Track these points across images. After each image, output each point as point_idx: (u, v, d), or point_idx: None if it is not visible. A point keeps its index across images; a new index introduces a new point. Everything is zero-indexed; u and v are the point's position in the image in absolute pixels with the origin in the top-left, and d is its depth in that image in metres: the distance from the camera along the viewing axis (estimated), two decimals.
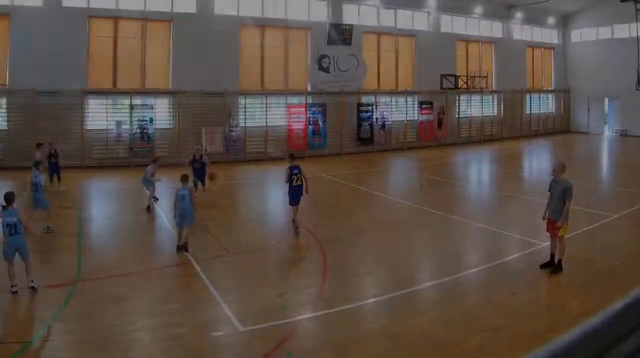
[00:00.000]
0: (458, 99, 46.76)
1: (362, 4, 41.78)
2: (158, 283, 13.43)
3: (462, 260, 15.36)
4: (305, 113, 38.75)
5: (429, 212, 21.00)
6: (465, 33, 47.58)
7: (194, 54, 35.13)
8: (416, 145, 43.61)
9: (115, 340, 10.19)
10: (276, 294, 12.49)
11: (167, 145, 34.48)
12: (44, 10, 31.84)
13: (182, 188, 16.06)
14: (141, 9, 34.40)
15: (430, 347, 9.93)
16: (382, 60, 43.27)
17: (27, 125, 31.23)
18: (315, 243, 16.80)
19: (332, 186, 27.72)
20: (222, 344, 10.35)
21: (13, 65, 31.32)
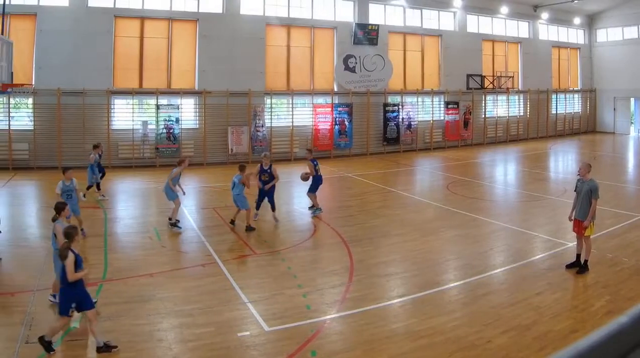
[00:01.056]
0: (484, 99, 45.21)
1: (388, 4, 40.52)
2: (183, 283, 13.04)
3: (487, 260, 15.04)
4: (331, 113, 37.60)
5: (455, 211, 20.58)
6: (491, 33, 46.11)
7: (219, 54, 34.20)
8: (442, 145, 42.48)
9: (141, 340, 10.03)
10: (301, 294, 12.29)
11: (193, 145, 33.56)
12: (70, 9, 30.97)
13: (236, 176, 17.86)
14: (167, 8, 33.49)
15: (455, 347, 9.74)
16: (408, 60, 41.88)
17: (52, 125, 30.44)
18: (341, 243, 16.43)
19: (358, 186, 26.93)
20: (247, 344, 10.01)
21: (39, 65, 30.49)
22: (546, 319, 10.80)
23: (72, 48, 30.71)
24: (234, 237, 17.21)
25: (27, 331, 10.15)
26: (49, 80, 30.07)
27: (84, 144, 30.15)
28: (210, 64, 34.07)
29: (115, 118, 32.39)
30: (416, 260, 14.75)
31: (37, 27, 30.41)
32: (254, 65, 35.15)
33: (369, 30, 38.83)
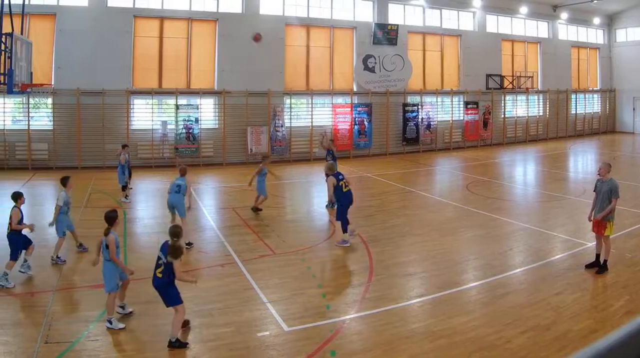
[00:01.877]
0: (503, 99, 44.04)
1: (408, 4, 39.37)
2: (203, 283, 12.45)
3: (507, 260, 14.69)
4: (350, 113, 36.57)
5: (474, 211, 20.09)
6: (511, 33, 44.77)
7: (239, 54, 33.29)
8: (462, 145, 41.35)
9: (161, 339, 9.79)
10: (321, 294, 12.08)
11: (212, 145, 32.76)
12: (89, 9, 30.20)
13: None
14: (186, 8, 32.62)
15: (474, 347, 9.52)
16: (428, 60, 40.69)
17: (72, 125, 29.72)
18: (360, 243, 16.04)
19: (378, 186, 26.23)
20: (267, 344, 9.83)
21: (58, 65, 29.73)
22: (566, 319, 10.61)
23: (91, 48, 29.97)
24: (254, 237, 16.75)
25: (47, 331, 9.95)
26: (69, 80, 29.37)
27: (104, 144, 29.63)
28: (230, 64, 33.16)
29: (135, 118, 31.64)
30: (435, 260, 14.44)
31: (57, 27, 29.69)
32: (273, 65, 34.21)
33: (389, 30, 37.81)
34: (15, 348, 9.40)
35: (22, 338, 9.78)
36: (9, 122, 29.57)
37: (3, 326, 10.21)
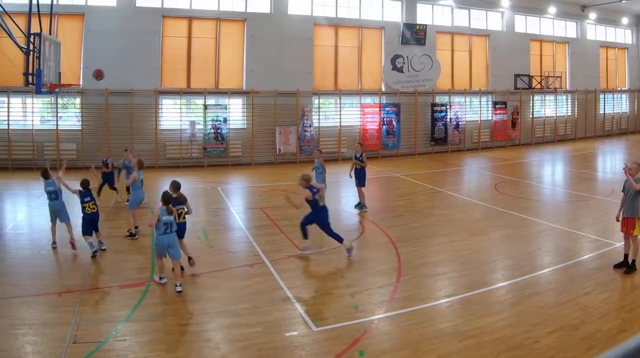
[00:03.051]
0: (532, 99, 41.91)
1: (436, 4, 37.53)
2: (231, 283, 12.32)
3: (535, 260, 14.02)
4: (379, 113, 34.97)
5: (503, 211, 19.23)
6: (539, 33, 42.59)
7: (267, 54, 31.85)
8: (490, 145, 39.44)
9: (188, 340, 9.59)
10: (349, 294, 11.59)
11: (240, 145, 31.30)
12: (117, 10, 28.96)
13: (316, 161, 19.29)
14: (215, 8, 31.23)
15: (503, 347, 9.14)
16: (456, 60, 38.77)
17: (100, 125, 28.53)
18: (388, 243, 15.45)
19: (406, 186, 25.15)
20: (295, 344, 9.41)
21: (87, 66, 28.59)
22: (594, 319, 10.19)
23: (119, 48, 28.80)
24: (282, 237, 16.11)
25: (75, 331, 9.59)
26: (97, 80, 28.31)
27: (132, 144, 28.24)
28: (258, 64, 31.74)
29: (163, 118, 30.42)
30: (464, 260, 13.81)
31: (85, 27, 28.55)
32: (301, 65, 32.74)
33: (417, 30, 36.08)
34: (44, 348, 9.08)
35: (51, 338, 9.40)
36: (37, 122, 28.56)
37: (32, 326, 9.86)
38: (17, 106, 28.34)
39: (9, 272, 12.71)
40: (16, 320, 10.04)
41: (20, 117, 28.45)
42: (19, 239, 15.36)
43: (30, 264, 13.13)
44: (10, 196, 22.53)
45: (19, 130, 27.92)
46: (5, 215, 19.31)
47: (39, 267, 13.07)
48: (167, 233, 11.69)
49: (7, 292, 11.39)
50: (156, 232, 11.77)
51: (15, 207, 20.92)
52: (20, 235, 15.93)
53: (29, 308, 10.63)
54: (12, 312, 10.44)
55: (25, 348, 9.10)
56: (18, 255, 13.99)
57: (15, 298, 11.08)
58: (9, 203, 21.57)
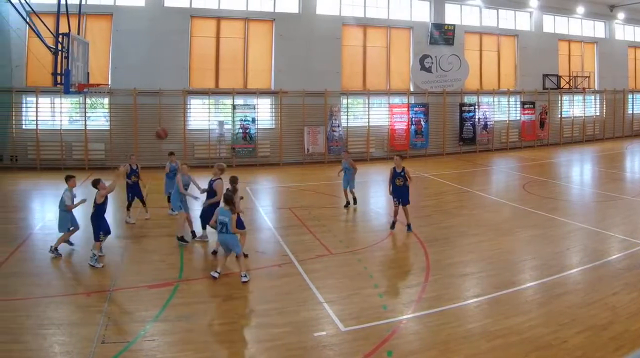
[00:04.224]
0: (560, 99, 39.62)
1: (465, 4, 35.54)
2: (259, 283, 11.95)
3: (563, 260, 13.50)
4: (407, 113, 33.06)
5: (531, 211, 18.46)
6: (567, 33, 40.29)
7: (296, 54, 30.25)
8: (518, 145, 37.35)
9: (217, 340, 9.35)
10: (377, 294, 11.21)
11: (269, 145, 29.73)
12: (146, 9, 27.57)
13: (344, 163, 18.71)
14: (243, 8, 29.65)
15: (531, 347, 8.81)
16: (484, 60, 36.72)
17: (128, 125, 27.16)
18: (417, 243, 14.87)
19: (435, 186, 24.20)
20: (324, 344, 9.10)
21: (115, 65, 27.23)
22: (622, 319, 9.82)
23: (148, 48, 27.41)
24: (311, 237, 15.45)
25: (103, 331, 9.30)
26: (125, 80, 26.87)
27: (160, 144, 26.88)
28: (287, 64, 30.13)
29: (192, 118, 28.93)
30: (492, 260, 13.34)
31: (113, 27, 27.19)
32: (330, 65, 31.01)
33: (445, 30, 34.20)
34: (72, 348, 8.75)
35: (79, 338, 9.09)
36: (66, 122, 27.24)
37: (60, 326, 9.50)
38: (45, 106, 27.04)
39: (37, 272, 12.21)
40: (44, 320, 9.69)
41: (48, 117, 27.14)
42: (47, 239, 14.58)
43: (59, 264, 12.75)
44: (39, 196, 21.61)
45: (48, 130, 26.63)
46: (33, 215, 18.58)
47: (68, 267, 12.70)
48: (222, 232, 11.68)
49: (36, 292, 10.99)
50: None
51: (44, 207, 19.97)
52: (49, 235, 15.11)
53: (57, 308, 10.30)
54: (41, 311, 10.08)
55: (54, 348, 8.76)
56: (46, 256, 13.32)
57: (43, 298, 10.71)
58: (37, 203, 20.71)
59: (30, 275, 12.03)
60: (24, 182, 23.61)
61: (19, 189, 22.44)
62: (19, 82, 26.15)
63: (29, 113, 26.88)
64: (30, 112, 26.85)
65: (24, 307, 10.30)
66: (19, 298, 10.70)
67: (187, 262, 13.30)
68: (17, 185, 23.06)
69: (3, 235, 15.15)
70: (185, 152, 27.94)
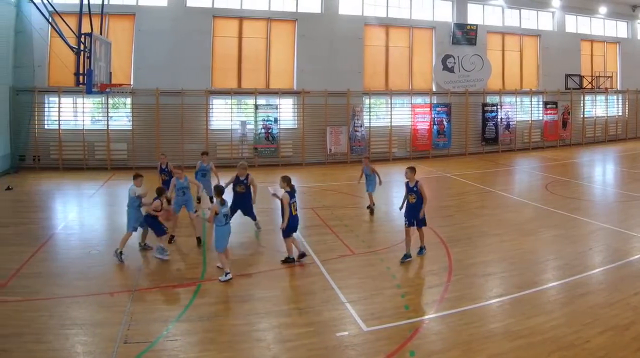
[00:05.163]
0: (582, 99, 37.74)
1: (487, 4, 33.82)
2: (282, 283, 11.63)
3: (585, 260, 13.05)
4: (429, 113, 31.58)
5: (554, 211, 17.78)
6: (590, 33, 38.40)
7: (318, 54, 28.86)
8: (541, 145, 35.61)
9: (239, 340, 8.91)
10: (400, 294, 10.82)
11: (291, 145, 28.38)
12: (168, 10, 26.37)
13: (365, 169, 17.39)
14: (266, 8, 28.33)
15: (553, 346, 8.41)
16: (507, 60, 35.03)
17: (151, 125, 26.00)
18: (439, 243, 14.31)
19: (457, 186, 23.32)
20: (346, 344, 8.74)
21: (137, 66, 26.11)
22: None
23: (170, 48, 26.25)
24: (333, 237, 14.89)
25: (126, 331, 9.01)
26: (147, 80, 25.72)
27: (182, 144, 25.81)
28: (309, 64, 28.75)
29: (214, 118, 27.65)
30: (514, 260, 12.88)
31: (136, 27, 26.05)
32: (352, 65, 29.62)
33: (468, 30, 32.61)
34: (95, 348, 8.51)
35: (102, 338, 8.83)
36: (88, 122, 26.08)
37: (82, 326, 9.23)
38: (68, 106, 25.92)
39: (60, 272, 11.87)
40: (67, 320, 9.40)
41: (71, 117, 26.02)
42: (70, 239, 14.40)
43: (81, 264, 12.34)
44: (61, 196, 20.85)
45: (70, 130, 25.53)
46: (56, 215, 17.95)
47: (90, 267, 12.20)
48: (228, 223, 11.54)
49: (58, 292, 10.67)
50: (217, 224, 11.43)
51: (66, 207, 19.29)
52: (71, 235, 14.89)
53: (79, 308, 10.01)
54: (63, 311, 9.78)
55: (76, 348, 8.51)
56: (69, 255, 13.07)
57: (66, 298, 10.40)
58: (59, 203, 20.00)
59: (53, 275, 11.66)
60: (47, 182, 22.83)
61: (41, 189, 21.66)
62: (42, 82, 25.10)
63: (52, 113, 25.80)
64: (52, 112, 25.76)
65: (46, 306, 9.95)
66: (41, 298, 10.33)
67: (209, 261, 12.71)
68: (39, 185, 22.28)
69: (26, 235, 14.67)
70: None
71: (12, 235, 14.66)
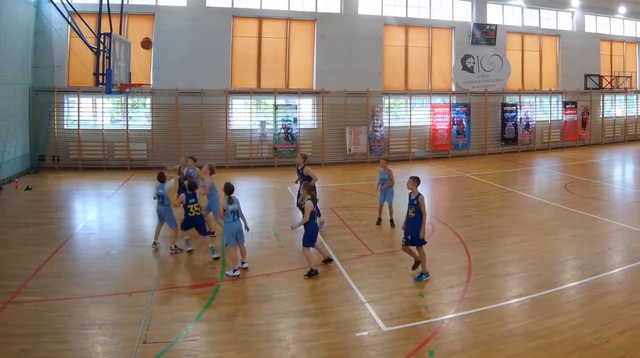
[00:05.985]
0: (602, 99, 36.26)
1: (506, 4, 32.38)
2: (301, 283, 11.13)
3: (605, 260, 12.54)
4: (449, 113, 30.28)
5: (573, 212, 17.22)
6: (609, 33, 36.78)
7: (337, 54, 27.64)
8: (560, 145, 34.16)
9: (259, 339, 8.56)
10: (419, 294, 10.44)
11: (311, 145, 27.17)
12: (187, 10, 25.31)
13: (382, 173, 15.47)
14: (285, 8, 27.19)
15: (573, 347, 8.13)
16: (526, 60, 33.61)
17: (170, 125, 25.01)
18: (459, 243, 13.87)
19: (476, 186, 22.53)
20: (365, 344, 8.39)
21: (157, 65, 25.12)
22: None
23: (189, 48, 25.20)
24: (352, 237, 14.39)
25: (145, 331, 8.70)
26: (167, 80, 24.72)
27: (202, 144, 24.84)
28: (328, 64, 27.53)
29: (233, 118, 26.56)
30: (534, 260, 12.44)
31: (155, 27, 25.00)
32: (371, 65, 28.37)
33: (487, 30, 31.25)
34: (114, 348, 8.22)
35: (121, 338, 8.53)
36: (107, 122, 25.16)
37: (102, 326, 8.95)
38: (87, 106, 24.95)
39: (79, 272, 11.60)
40: (86, 320, 9.15)
41: (90, 117, 25.07)
42: (89, 239, 14.06)
43: (101, 264, 12.04)
44: (81, 196, 20.20)
45: (89, 130, 24.60)
46: (75, 215, 17.44)
47: (109, 267, 11.89)
48: (236, 220, 11.31)
49: (78, 292, 10.41)
50: (226, 221, 11.32)
51: (85, 207, 18.71)
52: (91, 235, 14.51)
53: (99, 308, 9.74)
54: (83, 311, 9.52)
55: (96, 348, 8.28)
56: (88, 255, 12.73)
57: (85, 298, 10.13)
58: (79, 203, 19.41)
59: (72, 275, 11.40)
60: (66, 182, 22.07)
61: (60, 189, 21.00)
62: (61, 82, 24.15)
63: (71, 113, 24.84)
64: (72, 112, 24.81)
65: (65, 306, 9.67)
66: (60, 298, 10.04)
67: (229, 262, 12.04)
68: (59, 185, 21.56)
69: (45, 235, 14.24)
70: (226, 152, 25.76)
71: (31, 235, 14.23)
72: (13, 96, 22.04)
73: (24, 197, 19.25)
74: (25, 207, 17.82)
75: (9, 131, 21.42)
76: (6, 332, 8.60)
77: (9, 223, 15.36)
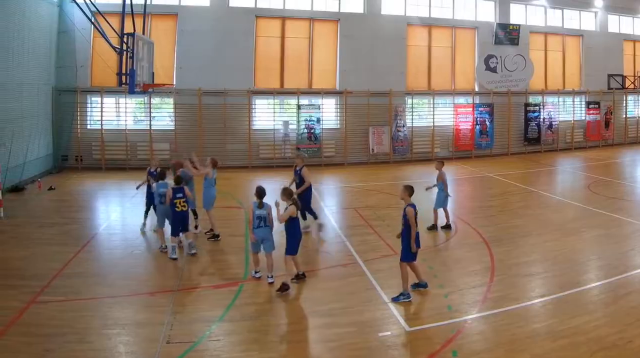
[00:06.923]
0: (625, 99, 34.55)
1: (529, 4, 30.85)
2: (324, 283, 10.71)
3: (628, 260, 11.91)
4: (472, 113, 28.90)
5: (596, 211, 16.52)
6: (633, 33, 35.06)
7: (360, 54, 26.37)
8: (583, 145, 32.54)
9: (281, 340, 8.29)
10: (442, 294, 9.80)
11: (334, 145, 25.96)
12: (211, 9, 24.19)
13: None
14: (308, 8, 25.99)
15: (596, 347, 7.81)
16: (549, 60, 32.07)
17: (193, 125, 23.94)
18: (482, 243, 13.28)
19: (499, 186, 21.61)
20: (388, 344, 8.05)
21: (180, 65, 24.10)
22: None
23: (212, 48, 24.10)
24: (375, 237, 13.82)
25: (169, 331, 8.30)
26: (190, 80, 23.64)
27: (225, 144, 23.80)
28: (351, 64, 26.28)
29: (256, 118, 25.43)
30: (557, 260, 11.92)
31: (178, 27, 23.96)
32: (394, 65, 27.03)
33: (510, 30, 29.79)
34: (137, 348, 7.93)
35: (144, 338, 8.21)
36: (130, 122, 24.15)
37: (125, 326, 8.56)
38: (110, 106, 23.95)
39: (102, 272, 11.23)
40: (109, 320, 8.81)
41: (113, 117, 24.06)
42: (112, 240, 13.63)
43: (124, 264, 11.64)
44: (103, 196, 19.42)
45: (112, 131, 23.57)
46: (98, 216, 16.84)
47: (132, 267, 11.51)
48: (261, 226, 10.34)
49: (101, 292, 10.06)
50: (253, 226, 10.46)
51: (108, 207, 18.00)
52: (114, 235, 14.08)
53: (122, 309, 9.41)
54: (105, 311, 9.18)
55: (119, 348, 7.95)
56: (111, 256, 12.35)
57: (108, 298, 9.79)
58: (102, 203, 18.67)
59: (95, 275, 11.05)
60: (89, 182, 21.16)
61: (83, 189, 20.11)
62: (84, 82, 23.15)
63: (94, 113, 23.84)
64: (95, 112, 23.81)
65: (88, 307, 9.36)
66: (84, 298, 9.70)
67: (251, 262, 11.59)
68: (82, 185, 20.66)
69: (68, 235, 13.79)
70: (250, 152, 24.62)
71: (54, 235, 13.72)
72: (36, 96, 21.11)
73: (47, 197, 18.54)
74: (48, 207, 17.18)
75: (32, 131, 20.53)
76: (29, 331, 8.25)
77: (32, 223, 14.77)
